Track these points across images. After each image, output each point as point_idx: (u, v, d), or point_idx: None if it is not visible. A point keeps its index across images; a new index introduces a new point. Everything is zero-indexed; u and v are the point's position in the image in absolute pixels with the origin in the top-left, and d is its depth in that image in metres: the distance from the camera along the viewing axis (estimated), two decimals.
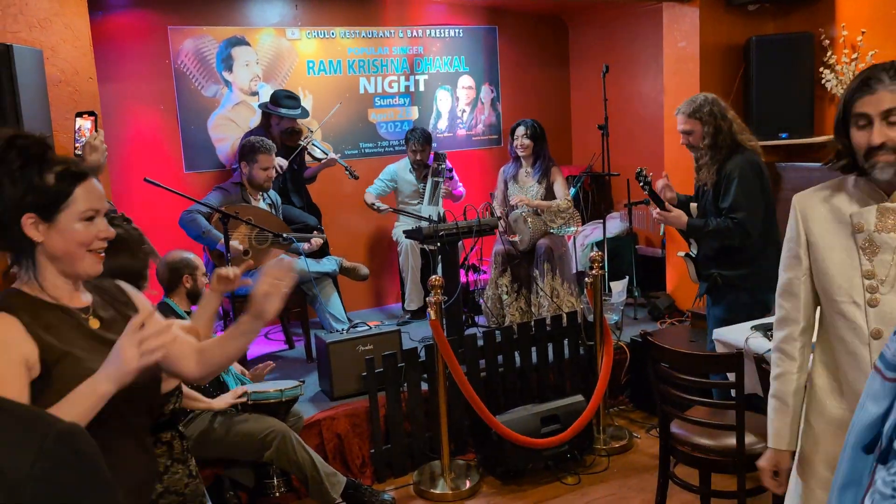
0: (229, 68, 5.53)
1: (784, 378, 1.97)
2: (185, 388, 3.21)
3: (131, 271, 2.10)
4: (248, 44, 5.57)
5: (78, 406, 1.44)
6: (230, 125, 5.58)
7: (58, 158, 1.55)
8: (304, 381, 3.72)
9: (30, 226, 1.51)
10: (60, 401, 1.45)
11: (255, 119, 5.56)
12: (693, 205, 3.67)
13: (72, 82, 3.34)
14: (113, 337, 1.56)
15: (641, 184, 3.68)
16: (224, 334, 1.83)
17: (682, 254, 3.72)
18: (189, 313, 3.51)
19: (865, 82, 1.77)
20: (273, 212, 4.57)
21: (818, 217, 1.89)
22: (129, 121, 5.24)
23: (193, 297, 3.49)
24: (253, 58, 5.60)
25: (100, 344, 1.57)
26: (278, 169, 4.72)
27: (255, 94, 5.63)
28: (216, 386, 3.40)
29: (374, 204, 5.37)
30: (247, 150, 4.39)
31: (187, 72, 5.40)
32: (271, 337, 5.26)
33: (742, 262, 3.45)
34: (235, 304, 4.19)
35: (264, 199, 4.57)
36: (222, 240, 4.01)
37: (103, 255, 1.61)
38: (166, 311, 3.43)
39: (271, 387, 3.45)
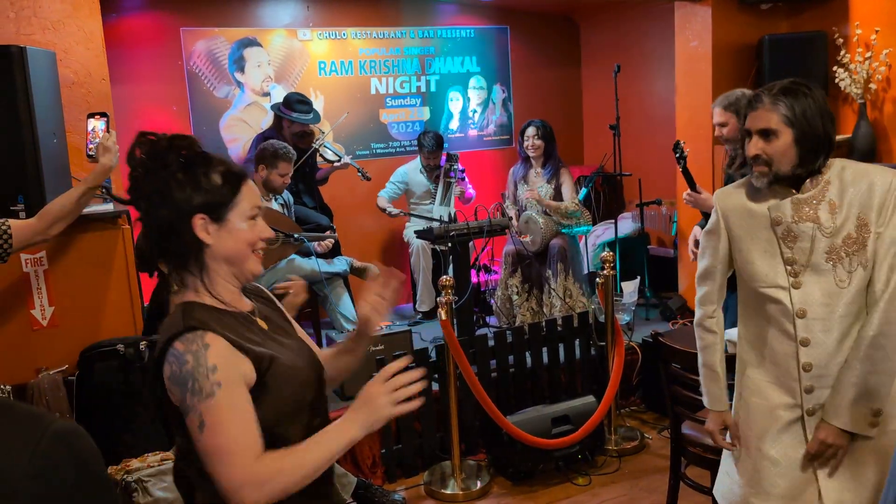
0: (241, 69, 5.56)
1: (709, 349, 2.27)
2: None
3: None
4: (259, 45, 5.60)
5: (325, 451, 1.44)
6: (242, 126, 5.60)
7: (217, 158, 1.52)
8: None
9: (200, 227, 1.47)
10: (305, 444, 1.44)
11: (267, 120, 5.58)
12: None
13: (85, 84, 3.36)
14: (279, 338, 1.57)
15: (678, 156, 3.68)
16: (333, 350, 1.80)
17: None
18: None
19: (751, 101, 2.07)
20: (285, 211, 4.59)
21: (738, 213, 2.13)
22: (142, 122, 5.27)
23: None
24: (265, 59, 5.62)
25: (277, 344, 1.55)
26: None
27: (266, 94, 5.65)
28: None
29: (385, 209, 5.40)
30: (268, 155, 4.40)
31: (199, 73, 5.43)
32: None
33: None
34: None
35: (276, 199, 4.58)
36: None
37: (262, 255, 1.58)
38: None
39: None
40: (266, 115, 5.63)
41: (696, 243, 3.67)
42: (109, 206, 3.25)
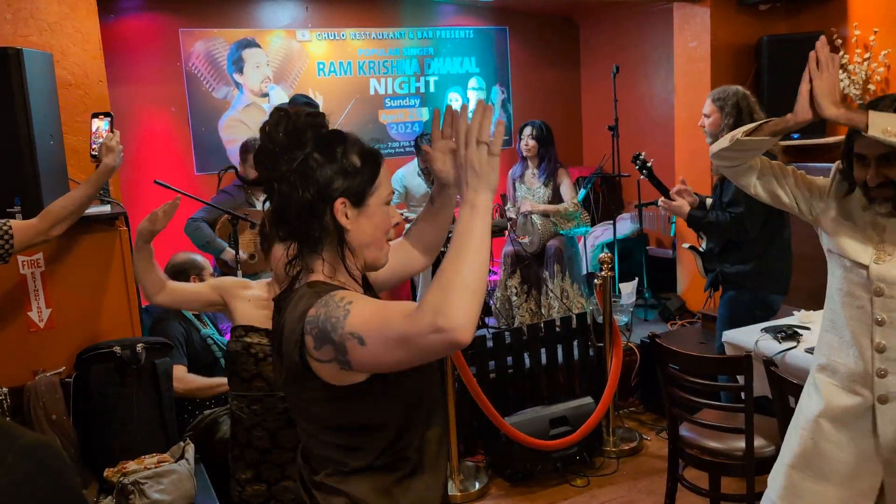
0: (240, 70, 5.56)
1: None
2: (184, 374, 3.24)
3: None
4: (258, 46, 5.59)
5: (468, 234, 1.24)
6: (241, 127, 5.60)
7: (351, 136, 1.44)
8: None
9: (340, 212, 1.39)
10: (446, 257, 1.24)
11: (266, 121, 5.57)
12: (710, 200, 3.64)
13: (82, 85, 3.35)
14: None
15: (638, 167, 3.69)
16: (424, 214, 1.73)
17: (687, 245, 3.73)
18: (197, 316, 3.53)
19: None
20: None
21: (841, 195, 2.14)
22: (141, 123, 5.27)
23: None
24: (263, 59, 5.62)
25: None
26: None
27: (265, 95, 5.65)
28: (212, 365, 3.41)
29: None
30: (241, 150, 4.41)
31: (198, 74, 5.42)
32: None
33: (744, 259, 3.43)
34: None
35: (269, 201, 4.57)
36: (226, 248, 4.02)
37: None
38: (175, 313, 3.45)
39: None
40: (265, 115, 5.59)
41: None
42: (107, 208, 3.25)
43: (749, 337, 3.11)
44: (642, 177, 3.73)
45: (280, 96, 5.67)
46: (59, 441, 2.91)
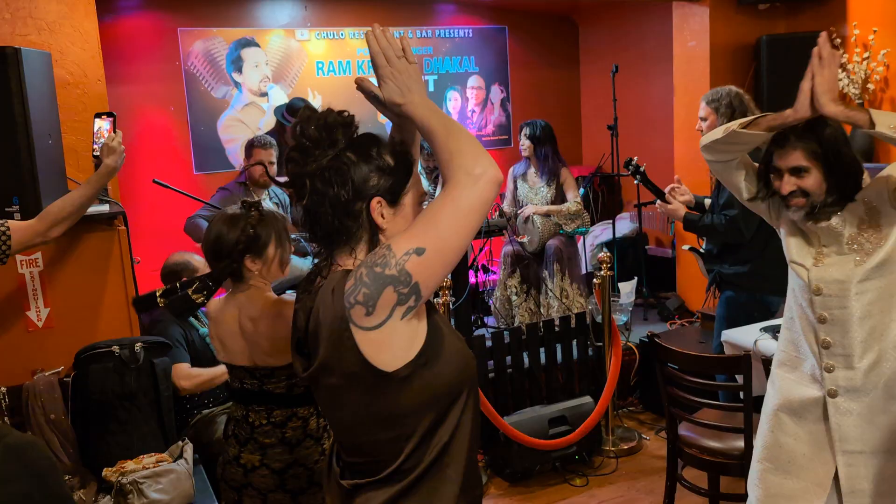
0: (239, 69, 5.55)
1: None
2: (189, 370, 3.23)
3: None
4: (257, 45, 5.59)
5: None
6: (240, 126, 5.60)
7: (380, 136, 1.46)
8: None
9: (376, 211, 1.39)
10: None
11: (265, 119, 5.58)
12: (708, 200, 3.65)
13: (80, 84, 3.35)
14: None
15: (631, 172, 3.69)
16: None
17: (686, 247, 3.73)
18: (194, 315, 3.52)
19: (777, 139, 2.12)
20: (281, 211, 4.57)
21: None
22: (139, 122, 5.27)
23: None
24: (262, 59, 5.62)
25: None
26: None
27: (264, 95, 5.64)
28: (212, 363, 3.41)
29: None
30: (245, 146, 4.41)
31: (197, 73, 5.42)
32: None
33: (741, 260, 3.45)
34: None
35: (270, 198, 4.57)
36: None
37: None
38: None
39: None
40: (264, 115, 5.62)
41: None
42: (105, 208, 3.24)
43: (748, 336, 3.11)
44: (636, 182, 3.73)
45: (279, 96, 5.67)
46: (45, 441, 2.91)
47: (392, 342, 1.29)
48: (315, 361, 1.37)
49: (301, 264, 4.46)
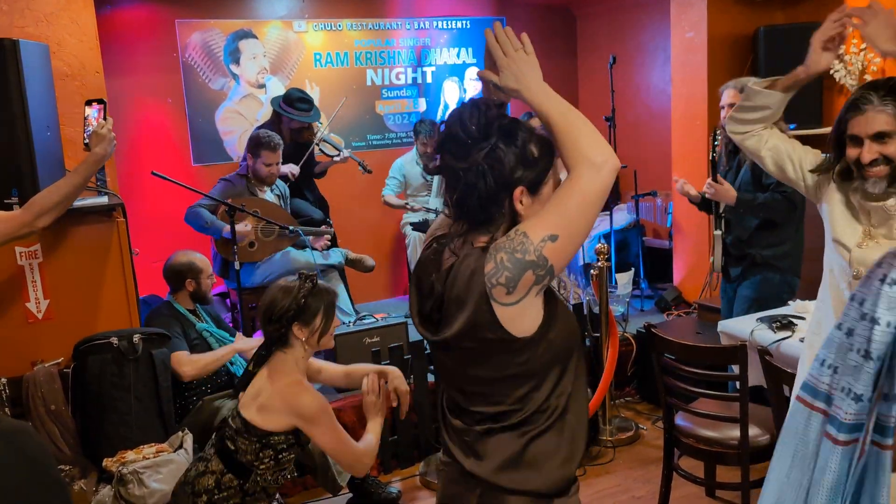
0: (236, 61, 5.55)
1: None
2: (189, 356, 3.27)
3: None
4: (255, 37, 5.59)
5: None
6: (238, 118, 5.60)
7: (525, 125, 1.52)
8: None
9: (518, 199, 1.48)
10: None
11: (263, 111, 5.57)
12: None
13: (78, 76, 3.36)
14: None
15: (716, 142, 3.67)
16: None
17: (718, 232, 3.66)
18: (193, 311, 3.53)
19: (854, 104, 2.03)
20: (281, 203, 4.58)
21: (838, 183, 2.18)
22: (137, 114, 5.27)
23: (197, 298, 3.54)
24: (260, 51, 5.61)
25: None
26: (290, 176, 4.73)
27: (262, 86, 5.64)
28: (222, 378, 3.43)
29: (398, 205, 5.37)
30: (252, 145, 4.41)
31: (195, 65, 5.42)
32: None
33: (779, 241, 3.49)
34: (242, 297, 4.21)
35: (272, 190, 4.58)
36: (227, 227, 4.02)
37: None
38: (170, 310, 3.46)
39: None
40: (262, 106, 5.62)
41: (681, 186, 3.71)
42: (104, 199, 3.25)
43: (745, 326, 3.13)
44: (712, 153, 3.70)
45: (277, 87, 5.66)
46: (45, 432, 2.92)
47: (526, 314, 1.45)
48: (451, 329, 1.50)
49: (300, 256, 4.48)
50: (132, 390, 3.04)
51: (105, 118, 2.80)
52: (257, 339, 3.51)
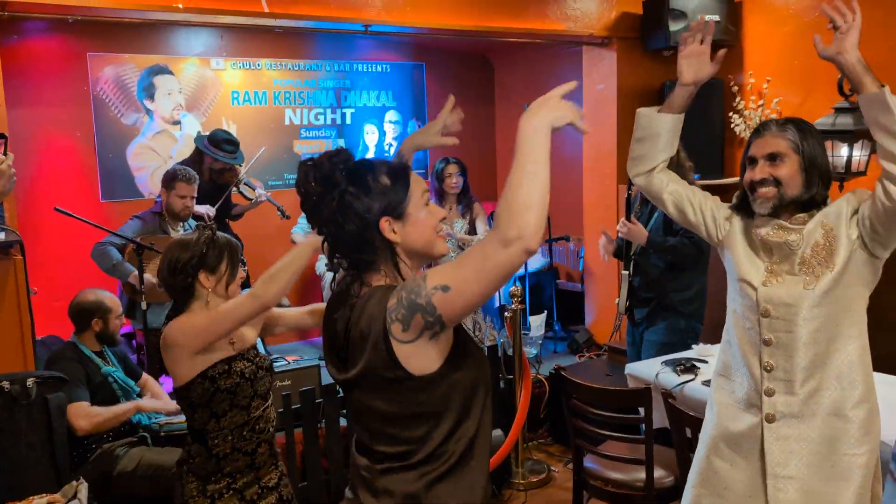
0: (151, 97, 5.45)
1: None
2: (88, 409, 3.12)
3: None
4: (171, 72, 5.50)
5: (529, 150, 1.43)
6: (150, 154, 5.48)
7: (376, 161, 1.58)
8: None
9: (387, 229, 1.52)
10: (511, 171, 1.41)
11: (178, 148, 5.48)
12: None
13: None
14: None
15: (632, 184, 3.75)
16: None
17: (626, 272, 3.75)
18: (99, 353, 3.39)
19: (756, 130, 2.15)
20: None
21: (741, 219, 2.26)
22: (42, 147, 5.09)
23: (104, 339, 3.40)
24: (176, 87, 5.53)
25: None
26: (206, 218, 4.60)
27: (177, 123, 5.54)
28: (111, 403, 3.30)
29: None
30: (168, 178, 4.32)
31: (106, 99, 5.29)
32: None
33: (686, 285, 3.58)
34: (149, 339, 4.07)
35: (184, 230, 4.47)
36: (134, 273, 3.91)
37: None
38: (74, 352, 3.31)
39: (184, 417, 3.35)
40: (177, 143, 5.52)
41: (604, 244, 3.79)
42: (1, 236, 3.11)
43: (650, 369, 3.21)
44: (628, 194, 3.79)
45: (192, 124, 5.58)
46: None
47: (422, 353, 1.46)
48: (356, 367, 1.52)
49: None
50: (23, 437, 2.88)
51: (5, 153, 2.68)
52: (160, 403, 3.39)
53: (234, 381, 2.27)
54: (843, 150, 3.86)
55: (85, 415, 3.09)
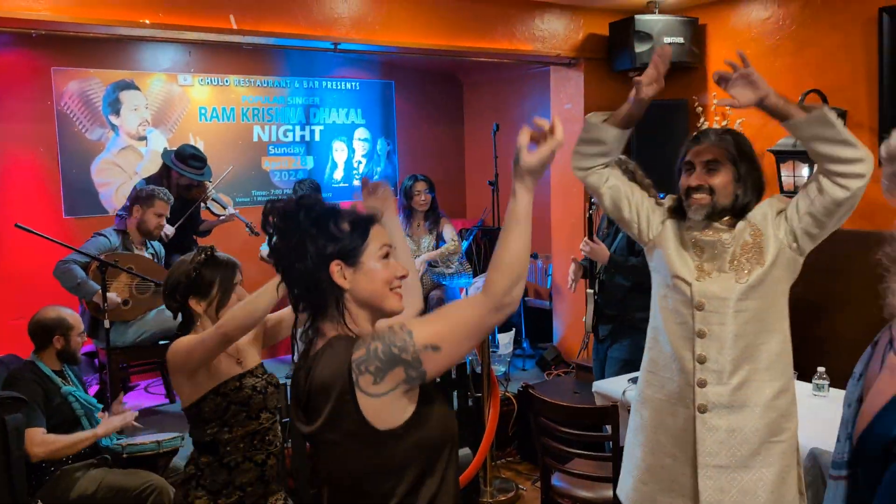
0: (116, 112, 5.39)
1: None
2: (43, 437, 3.04)
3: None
4: (137, 88, 5.45)
5: (518, 227, 1.60)
6: (115, 170, 5.41)
7: (345, 209, 1.59)
8: (184, 436, 3.56)
9: (337, 273, 1.52)
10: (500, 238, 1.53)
11: (143, 164, 5.42)
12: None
13: None
14: None
15: (594, 204, 3.81)
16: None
17: (591, 291, 3.80)
18: (59, 373, 3.31)
19: (695, 137, 2.24)
20: (156, 261, 4.43)
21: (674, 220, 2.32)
22: (4, 162, 5.01)
23: (65, 357, 3.32)
24: (142, 102, 5.47)
25: None
26: (163, 237, 4.54)
27: (143, 139, 5.49)
28: (73, 423, 3.22)
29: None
30: (144, 195, 4.27)
31: (71, 114, 5.22)
32: (151, 390, 5.04)
33: (648, 305, 3.59)
34: (111, 357, 4.00)
35: (147, 249, 4.42)
36: (98, 292, 3.85)
37: (401, 293, 1.61)
38: (33, 372, 3.23)
39: (148, 438, 3.30)
40: (142, 159, 5.46)
41: (574, 272, 3.82)
42: None
43: (617, 387, 3.23)
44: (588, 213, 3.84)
45: (159, 140, 5.53)
46: None
47: (391, 408, 1.46)
48: (318, 420, 1.49)
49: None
50: None
51: None
52: (118, 418, 3.32)
53: (247, 395, 2.30)
54: (804, 171, 3.94)
55: (41, 442, 3.02)
